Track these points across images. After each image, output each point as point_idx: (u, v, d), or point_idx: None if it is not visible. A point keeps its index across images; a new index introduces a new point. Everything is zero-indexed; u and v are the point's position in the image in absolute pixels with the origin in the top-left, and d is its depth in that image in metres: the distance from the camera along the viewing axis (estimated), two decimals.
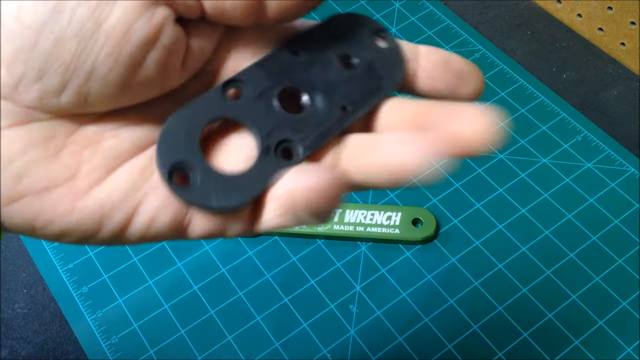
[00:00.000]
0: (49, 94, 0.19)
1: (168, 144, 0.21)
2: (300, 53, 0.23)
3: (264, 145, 0.22)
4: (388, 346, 0.44)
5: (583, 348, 0.43)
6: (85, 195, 0.20)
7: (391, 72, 0.23)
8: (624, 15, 0.56)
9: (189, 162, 0.21)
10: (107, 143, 0.21)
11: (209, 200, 0.21)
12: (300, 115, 0.22)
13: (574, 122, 0.54)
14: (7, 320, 0.46)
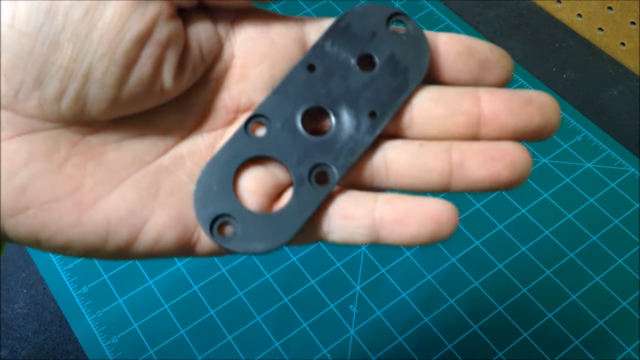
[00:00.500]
0: (48, 101, 0.19)
1: (204, 197, 0.21)
2: (317, 67, 0.22)
3: (297, 175, 0.21)
4: (388, 346, 0.44)
5: (583, 348, 0.43)
6: (91, 208, 0.20)
7: (416, 61, 0.22)
8: (624, 15, 0.56)
9: (227, 212, 0.21)
10: (111, 155, 0.20)
11: (253, 247, 0.21)
12: (328, 135, 0.22)
13: (574, 122, 0.54)
14: (7, 320, 0.46)
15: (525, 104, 0.21)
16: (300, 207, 0.21)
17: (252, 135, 0.22)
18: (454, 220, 0.21)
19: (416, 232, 0.21)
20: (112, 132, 0.20)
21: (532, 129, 0.22)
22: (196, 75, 0.21)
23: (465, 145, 0.21)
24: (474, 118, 0.22)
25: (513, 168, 0.21)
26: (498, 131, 0.22)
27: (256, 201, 0.21)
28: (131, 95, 0.19)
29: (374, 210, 0.21)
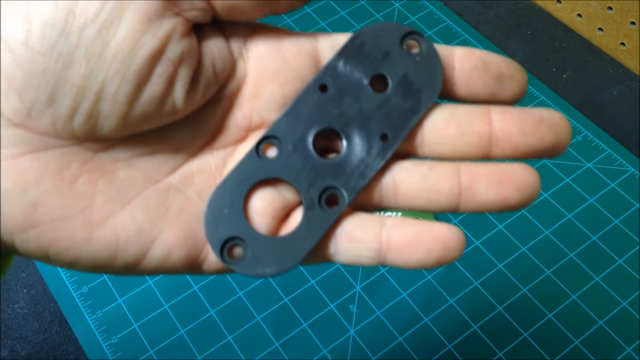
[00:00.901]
0: (61, 118, 0.19)
1: (215, 220, 0.21)
2: (329, 87, 0.22)
3: (308, 199, 0.21)
4: (388, 346, 0.44)
5: (583, 348, 0.43)
6: (101, 226, 0.20)
7: (429, 82, 0.22)
8: (624, 15, 0.56)
9: (238, 236, 0.21)
10: (121, 173, 0.20)
11: (262, 270, 0.21)
12: (339, 158, 0.22)
13: (574, 122, 0.54)
14: (7, 320, 0.46)
15: (537, 123, 0.21)
16: (310, 231, 0.21)
17: (264, 157, 0.22)
18: (461, 245, 0.21)
19: (423, 258, 0.21)
20: (123, 149, 0.20)
21: (544, 148, 0.22)
22: (209, 93, 0.21)
23: (474, 167, 0.22)
24: (485, 138, 0.22)
25: (522, 190, 0.21)
26: (510, 151, 0.22)
27: (265, 222, 0.22)
28: (143, 113, 0.19)
29: (381, 234, 0.21)
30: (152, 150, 0.21)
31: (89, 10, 0.18)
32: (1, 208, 0.19)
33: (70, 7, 0.18)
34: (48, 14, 0.18)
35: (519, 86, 0.22)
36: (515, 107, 0.22)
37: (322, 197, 0.21)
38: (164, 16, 0.19)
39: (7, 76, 0.18)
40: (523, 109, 0.22)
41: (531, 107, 0.22)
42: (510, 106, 0.22)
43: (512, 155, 0.22)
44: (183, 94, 0.20)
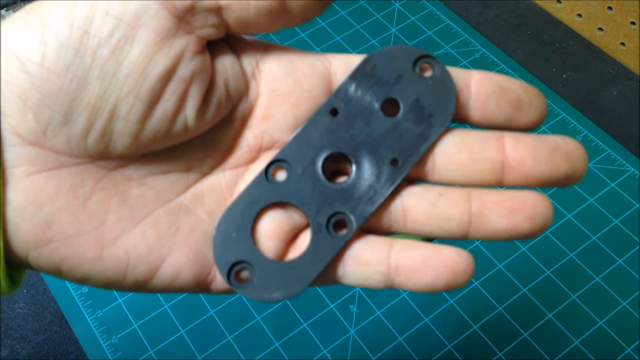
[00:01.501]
0: (76, 137, 0.19)
1: (223, 244, 0.21)
2: (340, 111, 0.22)
3: (316, 224, 0.21)
4: (388, 346, 0.44)
5: (583, 348, 0.43)
6: (112, 245, 0.20)
7: (441, 107, 0.21)
8: (624, 15, 0.56)
9: (245, 260, 0.21)
10: (134, 192, 0.21)
11: (269, 295, 0.21)
12: (347, 183, 0.22)
13: (574, 122, 0.54)
14: (7, 320, 0.46)
15: (552, 152, 0.21)
16: (317, 256, 0.21)
17: (273, 180, 0.22)
18: (470, 269, 0.21)
19: (431, 282, 0.21)
20: (136, 168, 0.21)
21: (558, 177, 0.21)
22: (221, 113, 0.21)
23: (485, 194, 0.21)
24: (498, 165, 0.21)
25: (533, 219, 0.21)
26: (523, 179, 0.21)
27: (272, 245, 0.22)
28: (155, 131, 0.20)
29: (389, 258, 0.21)
30: (165, 169, 0.21)
31: (103, 31, 0.18)
32: (15, 225, 0.19)
33: (85, 27, 0.18)
34: (63, 34, 0.18)
35: (538, 113, 0.22)
36: (530, 134, 0.22)
37: (330, 222, 0.21)
38: (177, 35, 0.19)
39: (23, 96, 0.18)
40: (538, 136, 0.21)
41: (546, 135, 0.21)
42: (524, 133, 0.22)
43: (525, 184, 0.21)
44: (194, 112, 0.20)
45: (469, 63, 0.58)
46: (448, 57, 0.59)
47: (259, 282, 0.21)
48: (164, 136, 0.20)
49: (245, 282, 0.21)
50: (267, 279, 0.21)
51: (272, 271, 0.21)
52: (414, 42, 0.59)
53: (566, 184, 0.22)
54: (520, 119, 0.22)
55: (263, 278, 0.21)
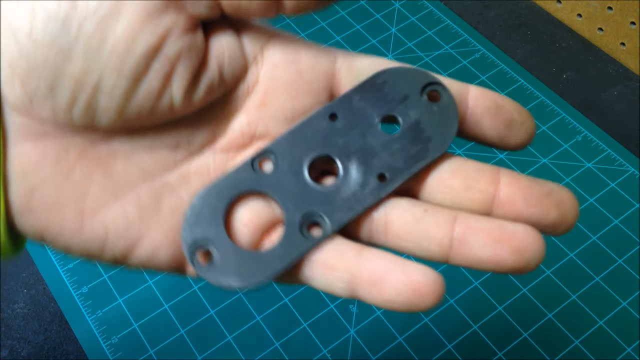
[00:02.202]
0: (61, 109, 0.19)
1: (193, 221, 0.21)
2: (339, 117, 0.22)
3: (290, 220, 0.21)
4: (388, 346, 0.44)
5: (583, 348, 0.43)
6: (92, 217, 0.20)
7: (441, 133, 0.21)
8: (624, 15, 0.56)
9: (211, 239, 0.21)
10: (119, 167, 0.21)
11: (227, 281, 0.20)
12: (331, 187, 0.21)
13: (574, 122, 0.54)
14: (7, 320, 0.46)
15: (544, 196, 0.21)
16: (285, 253, 0.21)
17: (258, 170, 0.21)
18: (437, 291, 0.19)
19: (392, 298, 0.19)
20: (122, 143, 0.21)
21: (546, 222, 0.21)
22: (212, 95, 0.21)
23: (472, 219, 0.20)
24: (489, 198, 0.21)
25: (519, 254, 0.20)
26: (511, 217, 0.21)
27: (247, 233, 0.21)
28: (139, 108, 0.20)
29: (353, 266, 0.20)
30: (152, 146, 0.21)
31: (89, 5, 0.18)
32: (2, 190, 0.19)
33: (73, 0, 0.18)
34: (52, 7, 0.18)
35: (527, 134, 0.22)
36: (527, 176, 0.21)
37: (305, 221, 0.21)
38: (165, 12, 0.19)
39: (12, 65, 0.18)
40: (533, 179, 0.21)
41: (542, 180, 0.21)
42: (521, 174, 0.21)
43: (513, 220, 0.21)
44: (181, 92, 0.20)
45: (469, 63, 0.58)
46: (448, 57, 0.59)
47: (220, 266, 0.20)
48: (149, 113, 0.20)
49: (207, 264, 0.21)
50: (229, 264, 0.21)
51: (236, 258, 0.21)
52: (414, 42, 0.59)
53: (553, 232, 0.21)
54: (510, 138, 0.22)
55: (225, 263, 0.21)
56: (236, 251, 0.21)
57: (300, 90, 0.22)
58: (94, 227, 0.20)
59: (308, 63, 0.22)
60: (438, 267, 0.21)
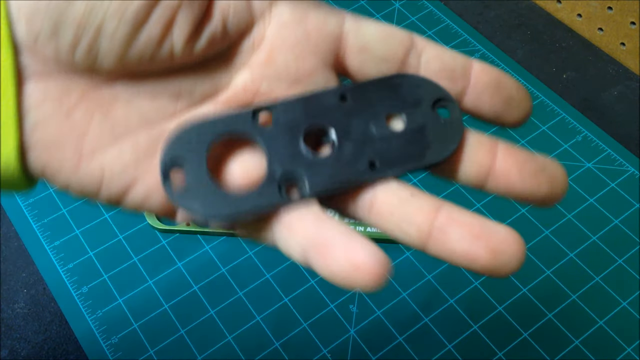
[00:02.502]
0: (63, 50, 0.19)
1: (180, 140, 0.21)
2: (349, 100, 0.22)
3: (270, 173, 0.21)
4: (388, 346, 0.44)
5: (583, 348, 0.43)
6: (89, 158, 0.21)
7: (441, 144, 0.22)
8: (624, 15, 0.56)
9: (189, 163, 0.21)
10: (119, 111, 0.21)
11: (191, 205, 0.20)
12: (321, 156, 0.21)
13: (574, 122, 0.54)
14: (7, 320, 0.46)
15: (538, 171, 0.21)
16: (255, 200, 0.21)
17: (256, 120, 0.21)
18: (378, 273, 0.19)
19: (333, 271, 0.19)
20: (124, 88, 0.21)
21: (536, 196, 0.21)
22: (214, 47, 0.21)
23: (456, 211, 0.20)
24: (484, 170, 0.21)
25: (495, 255, 0.20)
26: (503, 190, 0.21)
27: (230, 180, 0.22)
28: (140, 54, 0.20)
29: (311, 233, 0.20)
30: (153, 93, 0.21)
31: None
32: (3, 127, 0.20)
33: None
34: None
35: (524, 113, 0.22)
36: (523, 149, 0.22)
37: (285, 179, 0.21)
38: None
39: (17, 4, 0.19)
40: (529, 154, 0.22)
41: (537, 154, 0.22)
42: (517, 147, 0.22)
43: (504, 194, 0.21)
44: (182, 41, 0.20)
45: None
46: None
47: (189, 190, 0.21)
48: (150, 59, 0.20)
49: (177, 185, 0.21)
50: (198, 192, 0.21)
51: (207, 188, 0.21)
52: None
53: (542, 205, 0.22)
54: (507, 116, 0.22)
55: (195, 189, 0.21)
56: (208, 182, 0.21)
57: (306, 51, 0.22)
58: (91, 167, 0.21)
59: (316, 24, 0.22)
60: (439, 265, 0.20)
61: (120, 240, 0.49)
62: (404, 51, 0.22)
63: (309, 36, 0.22)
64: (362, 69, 0.22)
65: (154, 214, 0.22)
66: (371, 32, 0.22)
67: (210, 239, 0.49)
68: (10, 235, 0.49)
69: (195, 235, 0.49)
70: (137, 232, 0.49)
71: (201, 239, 0.49)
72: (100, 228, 0.49)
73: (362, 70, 0.22)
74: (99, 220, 0.49)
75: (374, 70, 0.22)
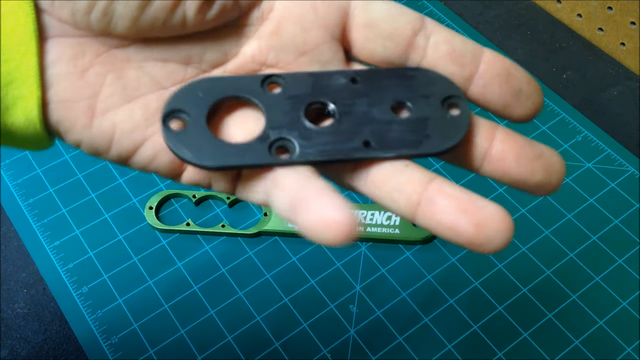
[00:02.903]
0: (79, 12, 0.20)
1: (185, 93, 0.22)
2: (359, 83, 0.22)
3: (266, 134, 0.22)
4: (388, 346, 0.44)
5: (583, 348, 0.43)
6: (101, 116, 0.22)
7: (441, 138, 0.22)
8: (624, 15, 0.56)
9: (190, 114, 0.22)
10: (131, 73, 0.22)
11: (183, 151, 0.21)
12: (317, 127, 0.22)
13: (574, 122, 0.54)
14: (7, 320, 0.46)
15: (535, 158, 0.21)
16: (244, 154, 0.21)
17: (264, 87, 0.22)
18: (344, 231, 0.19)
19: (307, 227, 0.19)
20: (136, 50, 0.22)
21: (531, 183, 0.21)
22: (225, 16, 0.22)
23: (447, 185, 0.21)
24: (481, 153, 0.21)
25: (480, 230, 0.20)
26: (498, 174, 0.21)
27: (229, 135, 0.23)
28: (153, 19, 0.21)
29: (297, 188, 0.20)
30: (164, 58, 0.22)
31: None
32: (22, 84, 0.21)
33: None
34: None
35: (533, 107, 0.22)
36: (522, 136, 0.22)
37: (277, 142, 0.22)
38: None
39: None
40: (527, 140, 0.22)
41: (535, 142, 0.21)
42: (516, 132, 0.22)
43: (499, 178, 0.22)
44: (194, 8, 0.21)
45: None
46: None
47: (184, 137, 0.22)
48: (162, 25, 0.21)
49: (175, 130, 0.22)
50: (192, 139, 0.22)
51: (201, 137, 0.22)
52: None
53: (537, 192, 0.22)
54: (515, 109, 0.22)
55: (190, 136, 0.22)
56: (205, 132, 0.22)
57: (314, 24, 0.22)
58: (102, 125, 0.22)
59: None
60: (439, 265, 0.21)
61: (120, 240, 0.49)
62: (412, 31, 0.22)
63: (317, 10, 0.22)
64: (367, 45, 0.23)
65: (160, 175, 0.23)
66: (380, 8, 0.22)
67: (210, 239, 0.49)
68: (10, 235, 0.49)
69: (195, 235, 0.49)
70: (137, 232, 0.49)
71: (201, 239, 0.49)
72: (100, 228, 0.49)
73: (366, 46, 0.23)
74: (99, 220, 0.49)
75: (378, 47, 0.22)
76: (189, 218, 0.49)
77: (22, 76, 0.20)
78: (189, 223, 0.48)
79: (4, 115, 0.20)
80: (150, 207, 0.49)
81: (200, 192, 0.50)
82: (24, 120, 0.21)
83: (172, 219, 0.49)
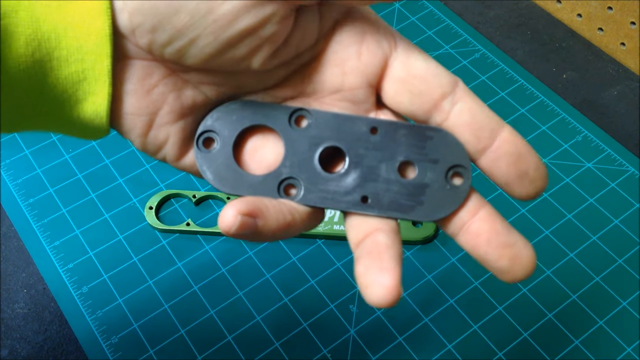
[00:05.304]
0: (156, 45, 0.22)
1: (221, 116, 0.25)
2: (378, 134, 0.24)
3: (279, 170, 0.24)
4: (388, 346, 0.44)
5: (583, 348, 0.43)
6: (158, 129, 0.24)
7: (433, 207, 0.23)
8: (624, 15, 0.56)
9: (220, 134, 0.24)
10: (189, 92, 0.24)
11: (205, 172, 0.24)
12: (326, 174, 0.24)
13: (574, 122, 0.54)
14: (7, 320, 0.46)
15: (506, 245, 0.22)
16: (258, 188, 0.24)
17: (292, 121, 0.24)
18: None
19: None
20: (196, 75, 0.24)
21: (495, 267, 0.23)
22: (284, 61, 0.24)
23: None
24: (461, 224, 0.23)
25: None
26: (469, 247, 0.23)
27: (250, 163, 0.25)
28: (222, 63, 0.23)
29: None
30: (219, 83, 0.24)
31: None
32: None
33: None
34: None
35: (534, 191, 0.23)
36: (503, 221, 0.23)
37: (287, 181, 0.24)
38: (270, 1, 0.21)
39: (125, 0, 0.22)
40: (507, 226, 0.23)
41: (515, 231, 0.23)
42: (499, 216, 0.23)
43: (468, 251, 0.23)
44: (261, 61, 0.23)
45: (469, 63, 0.58)
46: (448, 57, 0.59)
47: (210, 158, 0.24)
48: (229, 66, 0.23)
49: (206, 149, 0.25)
50: (215, 162, 0.24)
51: (225, 162, 0.24)
52: (414, 42, 0.59)
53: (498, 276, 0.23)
54: (516, 189, 0.23)
55: (214, 158, 0.24)
56: (229, 158, 0.24)
57: (355, 70, 0.24)
58: (157, 136, 0.24)
59: (369, 46, 0.24)
60: (439, 265, 0.21)
61: (120, 240, 0.49)
62: (441, 95, 0.23)
63: (360, 57, 0.24)
64: (396, 98, 0.24)
65: None
66: (419, 66, 0.24)
67: (210, 239, 0.49)
68: (10, 235, 0.49)
69: (195, 235, 0.49)
70: (137, 232, 0.49)
71: (201, 239, 0.49)
72: (100, 228, 0.49)
73: (396, 98, 0.24)
74: (99, 220, 0.49)
75: (406, 101, 0.24)
76: (189, 218, 0.49)
77: (96, 75, 0.22)
78: (189, 223, 0.48)
79: (74, 108, 0.23)
80: (150, 207, 0.49)
81: (200, 192, 0.50)
82: (92, 112, 0.23)
83: (172, 219, 0.49)
